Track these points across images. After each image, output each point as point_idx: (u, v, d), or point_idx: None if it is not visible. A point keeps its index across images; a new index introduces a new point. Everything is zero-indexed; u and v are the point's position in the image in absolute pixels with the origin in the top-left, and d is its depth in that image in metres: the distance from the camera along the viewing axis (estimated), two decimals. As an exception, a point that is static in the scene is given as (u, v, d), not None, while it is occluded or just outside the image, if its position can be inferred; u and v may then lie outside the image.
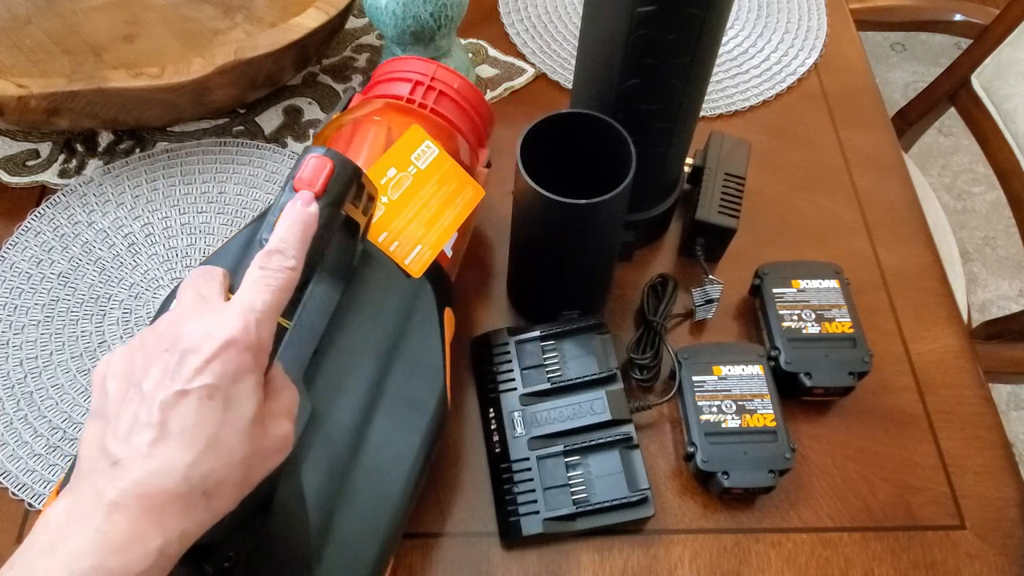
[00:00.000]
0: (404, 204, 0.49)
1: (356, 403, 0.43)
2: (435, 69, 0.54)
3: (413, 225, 0.48)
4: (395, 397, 0.44)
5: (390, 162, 0.49)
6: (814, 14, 0.82)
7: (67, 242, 0.61)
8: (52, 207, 0.63)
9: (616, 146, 0.49)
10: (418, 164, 0.50)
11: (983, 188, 1.64)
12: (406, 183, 0.49)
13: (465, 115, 0.56)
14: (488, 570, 0.48)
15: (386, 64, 0.57)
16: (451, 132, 0.54)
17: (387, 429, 0.43)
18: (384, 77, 0.56)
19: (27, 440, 0.52)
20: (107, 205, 0.63)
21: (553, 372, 0.52)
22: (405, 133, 0.50)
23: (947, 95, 0.99)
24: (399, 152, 0.50)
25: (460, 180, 0.51)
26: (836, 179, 0.69)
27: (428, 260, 0.48)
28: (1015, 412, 1.37)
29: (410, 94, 0.54)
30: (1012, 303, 1.49)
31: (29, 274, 0.59)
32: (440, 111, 0.54)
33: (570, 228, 0.48)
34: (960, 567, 0.49)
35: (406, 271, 0.47)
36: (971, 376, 0.58)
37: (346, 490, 0.41)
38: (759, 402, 0.51)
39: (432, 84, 0.54)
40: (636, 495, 0.48)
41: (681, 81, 0.49)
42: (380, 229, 0.47)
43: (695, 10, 0.44)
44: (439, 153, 0.50)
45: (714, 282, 0.58)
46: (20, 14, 0.71)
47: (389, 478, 0.42)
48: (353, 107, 0.55)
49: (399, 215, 0.48)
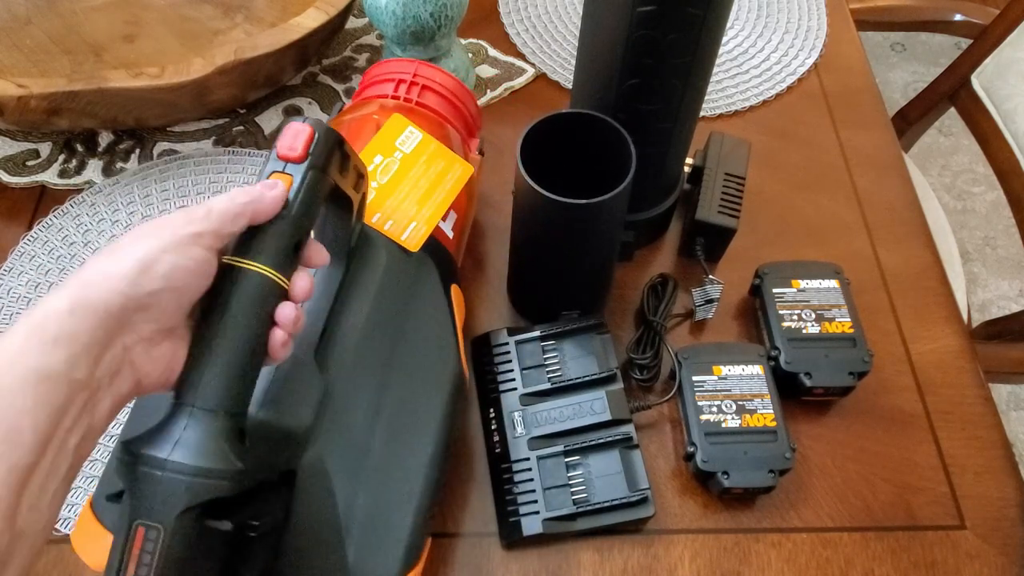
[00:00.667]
0: (394, 186, 0.49)
1: (371, 380, 0.43)
2: (416, 67, 0.56)
3: (405, 204, 0.49)
4: (409, 370, 0.45)
5: (376, 150, 0.50)
6: (814, 14, 0.82)
7: (64, 263, 0.60)
8: (45, 230, 0.62)
9: (616, 146, 0.49)
10: (403, 149, 0.51)
11: (983, 188, 1.64)
12: (394, 167, 0.50)
13: (451, 106, 0.57)
14: (488, 570, 0.48)
15: (371, 69, 0.59)
16: (440, 123, 0.55)
17: (405, 403, 0.44)
18: (370, 81, 0.58)
19: None
20: (102, 224, 0.62)
21: (553, 372, 0.52)
22: (387, 122, 0.51)
23: (947, 95, 0.99)
24: (383, 140, 0.51)
25: (447, 159, 0.52)
26: (836, 179, 0.69)
27: (424, 235, 0.48)
28: (1015, 412, 1.37)
29: (394, 91, 0.55)
30: (1012, 303, 1.49)
31: (28, 298, 0.58)
32: (426, 104, 0.55)
33: (570, 228, 0.48)
34: (960, 567, 0.49)
35: (404, 247, 0.47)
36: (971, 376, 0.58)
37: (370, 465, 0.41)
38: (759, 402, 0.51)
39: (415, 80, 0.56)
40: (636, 495, 0.48)
41: (681, 81, 0.49)
42: (372, 211, 0.48)
43: (695, 10, 0.44)
44: (423, 137, 0.52)
45: (714, 282, 0.58)
46: (20, 14, 0.71)
47: (412, 450, 0.43)
48: (345, 110, 0.56)
49: (390, 196, 0.49)
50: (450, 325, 0.48)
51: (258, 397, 0.40)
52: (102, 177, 0.65)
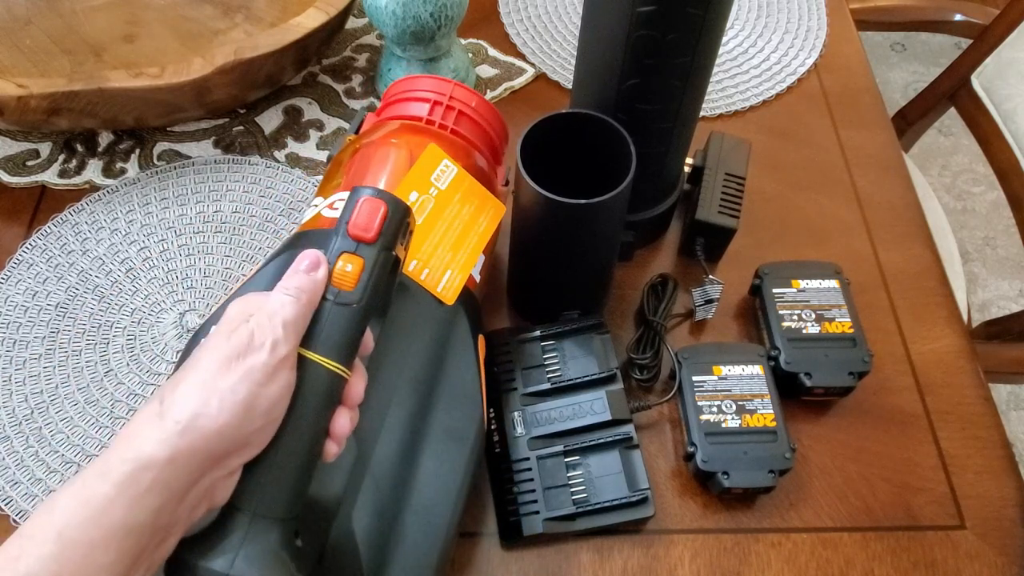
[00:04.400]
0: (429, 228, 0.47)
1: (400, 439, 0.41)
2: (452, 88, 0.53)
3: (440, 250, 0.46)
4: (438, 430, 0.43)
5: (411, 186, 0.47)
6: (814, 14, 0.82)
7: (62, 272, 0.60)
8: (43, 238, 0.62)
9: (616, 146, 0.49)
10: (438, 185, 0.48)
11: (983, 188, 1.64)
12: (429, 206, 0.47)
13: (483, 133, 0.54)
14: (488, 570, 0.48)
15: (399, 83, 0.55)
16: (470, 151, 0.52)
17: (432, 464, 0.42)
18: (398, 97, 0.55)
19: (40, 477, 0.50)
20: (100, 232, 0.62)
21: (553, 372, 0.52)
22: (423, 154, 0.49)
23: (947, 95, 0.99)
24: (418, 174, 0.48)
25: (481, 198, 0.50)
26: (836, 179, 0.69)
27: (459, 286, 0.46)
28: (1015, 412, 1.37)
29: (429, 115, 0.52)
30: (1012, 303, 1.49)
31: (25, 307, 0.58)
32: (459, 131, 0.53)
33: (571, 228, 0.48)
34: (960, 567, 0.49)
35: (439, 299, 0.45)
36: (971, 376, 0.58)
37: (396, 529, 0.40)
38: (759, 402, 0.51)
39: (451, 104, 0.53)
40: (636, 495, 0.48)
41: (681, 81, 0.49)
42: (411, 258, 0.45)
43: (695, 10, 0.44)
44: (458, 172, 0.49)
45: (714, 282, 0.58)
46: (20, 14, 0.71)
47: (436, 513, 0.41)
48: (367, 130, 0.53)
49: (426, 240, 0.46)
50: (478, 380, 0.45)
51: None
52: (102, 177, 0.65)
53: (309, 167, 0.67)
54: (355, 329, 0.33)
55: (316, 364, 0.32)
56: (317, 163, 0.67)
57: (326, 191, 0.49)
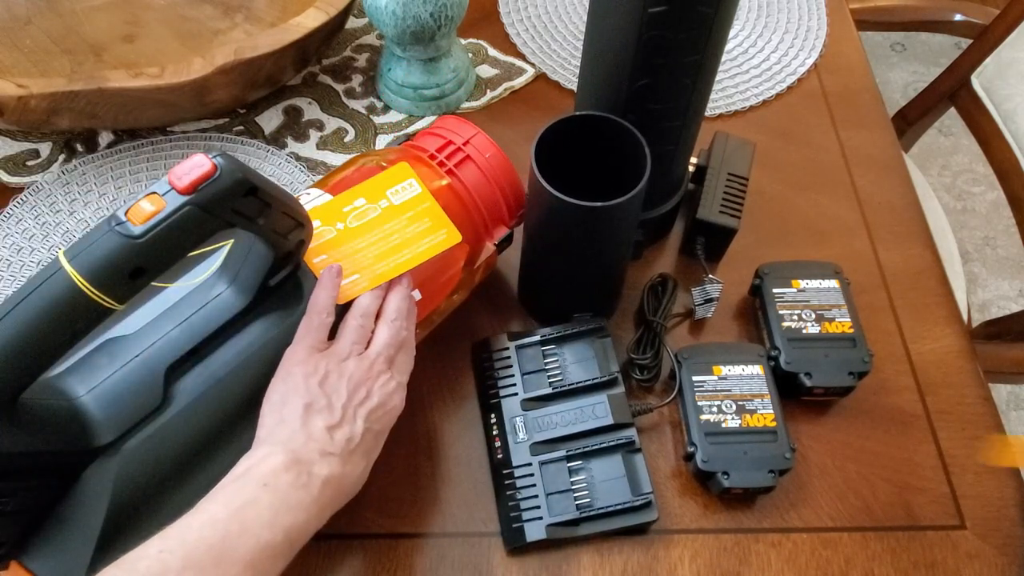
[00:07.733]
0: (359, 233, 0.47)
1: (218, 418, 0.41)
2: (475, 135, 0.53)
3: (360, 255, 0.46)
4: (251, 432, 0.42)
5: (362, 192, 0.48)
6: (814, 14, 0.82)
7: (48, 230, 0.61)
8: (34, 194, 0.63)
9: (628, 147, 0.49)
10: (392, 199, 0.48)
11: (983, 188, 1.64)
12: (371, 214, 0.47)
13: (486, 184, 0.52)
14: (488, 570, 0.48)
15: (442, 121, 0.55)
16: (463, 199, 0.51)
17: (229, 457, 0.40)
18: (431, 130, 0.55)
19: None
20: (89, 195, 0.63)
21: (554, 376, 0.52)
22: (392, 167, 0.49)
23: (947, 95, 0.99)
24: (376, 184, 0.48)
25: (436, 221, 0.48)
26: (836, 179, 0.69)
27: (360, 291, 0.45)
28: (1015, 412, 1.37)
29: (436, 150, 0.52)
30: (1012, 303, 1.49)
31: (9, 261, 0.60)
32: (458, 174, 0.52)
33: (586, 230, 0.48)
34: (960, 567, 0.49)
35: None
36: (971, 376, 0.58)
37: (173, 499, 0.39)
38: (759, 402, 0.51)
39: (463, 148, 0.52)
40: (639, 499, 0.48)
41: (691, 79, 0.49)
42: (320, 252, 0.45)
43: (706, 8, 0.44)
44: (420, 192, 0.49)
45: (714, 281, 0.58)
46: (20, 14, 0.71)
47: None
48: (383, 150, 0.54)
49: (348, 243, 0.46)
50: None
51: (88, 383, 0.39)
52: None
53: (309, 167, 0.67)
54: (122, 261, 0.33)
55: (64, 270, 0.32)
56: (317, 163, 0.67)
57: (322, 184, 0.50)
